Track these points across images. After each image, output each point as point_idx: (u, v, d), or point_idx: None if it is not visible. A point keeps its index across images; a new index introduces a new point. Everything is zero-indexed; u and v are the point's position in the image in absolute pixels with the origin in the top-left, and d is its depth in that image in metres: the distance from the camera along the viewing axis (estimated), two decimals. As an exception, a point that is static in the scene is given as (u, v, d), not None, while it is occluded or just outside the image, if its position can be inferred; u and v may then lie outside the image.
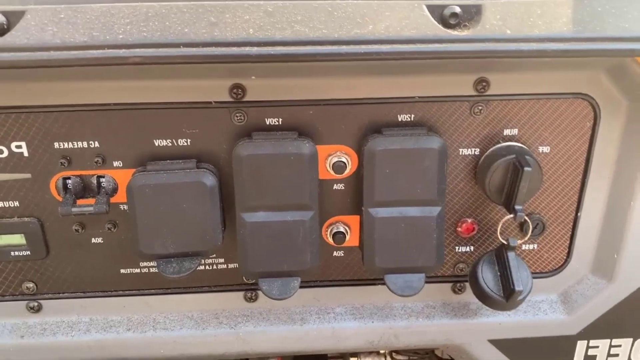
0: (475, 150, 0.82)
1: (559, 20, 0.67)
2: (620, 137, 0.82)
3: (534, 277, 0.91)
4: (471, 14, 0.67)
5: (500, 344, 0.93)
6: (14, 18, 0.63)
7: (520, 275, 0.80)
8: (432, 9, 0.67)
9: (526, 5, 0.67)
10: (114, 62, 0.63)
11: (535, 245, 0.89)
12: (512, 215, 0.78)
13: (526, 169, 0.76)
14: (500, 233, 0.85)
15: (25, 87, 0.75)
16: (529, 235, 0.85)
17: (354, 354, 1.17)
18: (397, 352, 1.15)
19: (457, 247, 0.89)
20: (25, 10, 0.63)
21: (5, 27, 0.62)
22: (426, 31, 0.66)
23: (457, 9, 0.67)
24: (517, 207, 0.78)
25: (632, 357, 0.95)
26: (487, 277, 0.82)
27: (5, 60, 0.62)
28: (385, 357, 1.15)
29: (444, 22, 0.67)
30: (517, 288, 0.78)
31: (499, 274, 0.82)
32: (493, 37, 0.66)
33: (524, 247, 0.89)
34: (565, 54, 0.66)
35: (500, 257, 0.82)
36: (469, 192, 0.85)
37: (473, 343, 0.92)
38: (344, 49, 0.64)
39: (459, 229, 0.87)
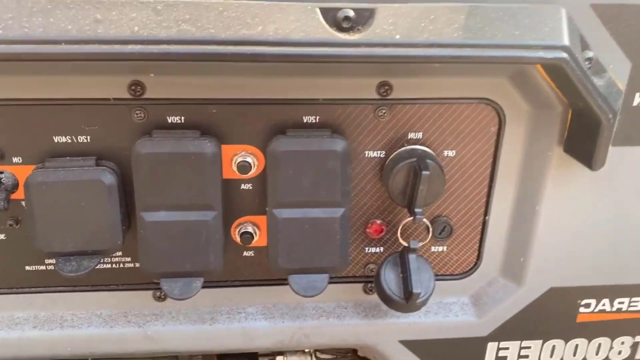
0: (380, 153, 0.83)
1: (451, 26, 0.67)
2: (525, 142, 0.83)
3: (445, 279, 0.92)
4: (365, 18, 0.67)
5: (411, 345, 0.93)
6: None
7: (421, 278, 0.81)
8: (325, 11, 0.67)
9: (420, 11, 0.67)
10: None
11: (445, 248, 0.90)
12: (412, 218, 0.79)
13: (424, 172, 0.76)
14: (403, 235, 0.86)
15: None
16: (429, 238, 0.86)
17: (280, 352, 1.17)
18: (322, 351, 1.15)
19: (366, 248, 0.89)
20: None
21: None
22: (316, 34, 0.66)
23: (351, 13, 0.67)
24: (416, 210, 0.78)
25: (542, 358, 0.97)
26: (390, 278, 0.82)
27: None
28: (310, 355, 1.16)
29: (337, 26, 0.67)
30: (414, 290, 0.79)
31: (401, 275, 0.82)
32: (382, 42, 0.66)
33: (433, 249, 0.90)
34: (453, 60, 0.66)
35: (403, 259, 0.83)
36: (377, 194, 0.85)
37: (384, 343, 0.93)
38: (229, 49, 0.64)
39: (368, 230, 0.88)
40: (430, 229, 0.85)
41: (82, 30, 0.63)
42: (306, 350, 1.16)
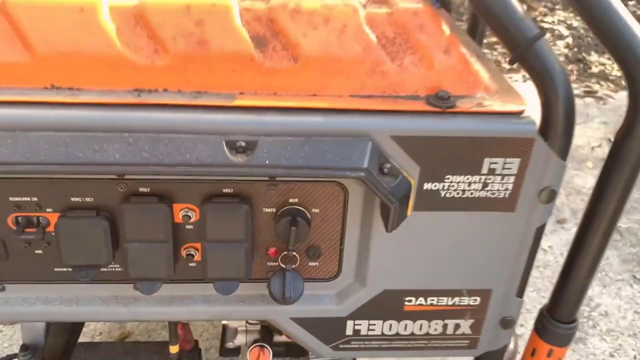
0: (272, 210, 1.33)
1: (297, 154, 1.16)
2: (361, 206, 1.33)
3: (318, 282, 1.45)
4: (251, 147, 1.16)
5: (297, 320, 1.47)
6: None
7: (294, 286, 1.33)
8: (228, 143, 1.16)
9: (280, 143, 1.16)
10: (34, 174, 1.12)
11: (317, 263, 1.42)
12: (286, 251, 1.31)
13: (292, 228, 1.27)
14: (283, 260, 1.38)
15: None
16: (298, 262, 1.38)
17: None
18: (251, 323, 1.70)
19: (268, 263, 1.41)
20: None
21: None
22: (220, 158, 1.15)
23: (243, 143, 1.16)
24: (289, 247, 1.30)
25: (383, 331, 1.51)
26: (275, 284, 1.35)
27: None
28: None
29: (236, 151, 1.16)
30: (286, 295, 1.32)
31: (282, 284, 1.35)
32: (256, 164, 1.15)
33: (310, 264, 1.42)
34: (297, 179, 1.16)
35: (284, 274, 1.35)
36: (272, 232, 1.36)
37: (281, 320, 1.47)
38: (168, 169, 1.14)
39: (268, 252, 1.39)
40: (298, 260, 1.37)
41: (87, 158, 1.13)
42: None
